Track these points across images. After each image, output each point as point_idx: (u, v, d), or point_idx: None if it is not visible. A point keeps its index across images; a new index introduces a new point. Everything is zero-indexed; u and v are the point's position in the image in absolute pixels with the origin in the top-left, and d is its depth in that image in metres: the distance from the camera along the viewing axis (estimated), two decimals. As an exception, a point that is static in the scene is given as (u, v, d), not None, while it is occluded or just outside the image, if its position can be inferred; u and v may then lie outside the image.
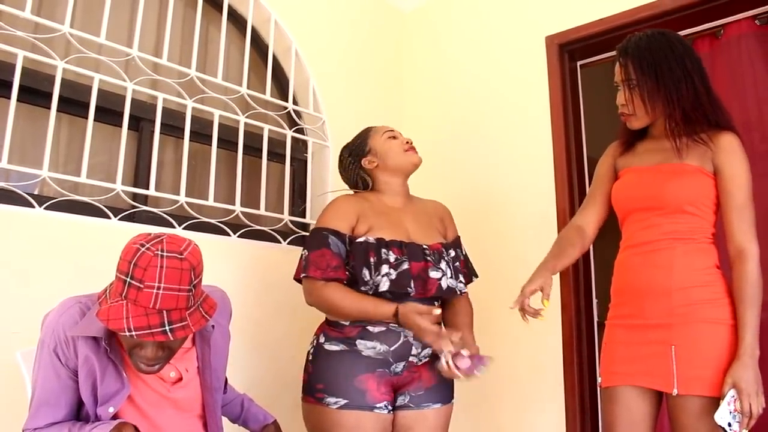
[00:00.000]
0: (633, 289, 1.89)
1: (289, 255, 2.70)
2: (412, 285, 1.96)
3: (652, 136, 1.99)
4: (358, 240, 2.01)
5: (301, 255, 2.04)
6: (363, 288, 1.95)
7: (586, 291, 2.77)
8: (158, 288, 1.33)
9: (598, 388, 2.03)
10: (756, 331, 1.69)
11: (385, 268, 1.95)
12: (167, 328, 1.33)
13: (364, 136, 2.24)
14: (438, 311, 1.89)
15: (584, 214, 2.10)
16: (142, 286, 1.32)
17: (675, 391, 1.73)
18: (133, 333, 1.30)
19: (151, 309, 1.33)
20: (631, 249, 1.94)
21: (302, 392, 2.01)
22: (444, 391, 2.08)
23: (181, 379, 1.60)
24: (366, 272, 1.95)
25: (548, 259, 2.01)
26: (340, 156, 2.28)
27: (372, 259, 1.96)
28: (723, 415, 1.63)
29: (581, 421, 2.64)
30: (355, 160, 2.22)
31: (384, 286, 1.93)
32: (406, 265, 1.97)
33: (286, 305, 2.64)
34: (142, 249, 1.35)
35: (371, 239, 2.00)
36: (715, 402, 1.66)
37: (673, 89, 1.84)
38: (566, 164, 2.85)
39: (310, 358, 2.03)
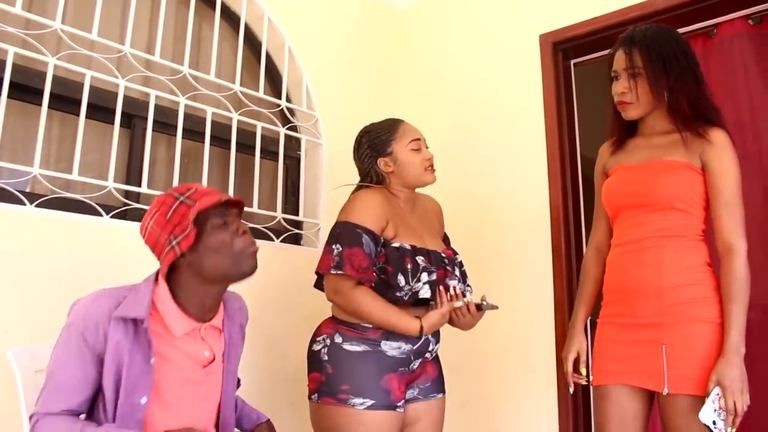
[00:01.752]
0: (624, 288, 1.90)
1: (282, 253, 2.70)
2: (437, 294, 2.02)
3: (642, 133, 2.01)
4: (393, 245, 2.00)
5: (332, 248, 1.97)
6: (398, 293, 1.96)
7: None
8: (202, 185, 1.60)
9: (590, 387, 2.04)
10: (742, 328, 1.71)
11: (425, 277, 1.98)
12: (230, 195, 1.61)
13: (390, 132, 2.16)
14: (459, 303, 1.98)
15: (597, 233, 2.15)
16: (194, 189, 1.57)
17: (665, 391, 1.74)
18: (223, 198, 1.55)
19: (213, 190, 1.58)
20: (622, 247, 1.95)
21: (316, 393, 1.97)
22: (442, 381, 2.16)
23: (214, 359, 1.64)
24: (401, 278, 1.95)
25: (579, 313, 2.11)
26: (359, 139, 2.22)
27: (409, 266, 1.97)
28: (707, 413, 1.64)
29: (574, 419, 2.64)
30: (372, 154, 2.16)
31: (425, 293, 1.97)
32: (435, 275, 2.01)
33: (279, 303, 2.63)
34: (170, 191, 1.59)
35: (407, 246, 2.01)
36: (703, 401, 1.67)
37: (680, 78, 1.87)
38: (560, 162, 2.86)
39: (326, 358, 1.97)
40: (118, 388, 1.48)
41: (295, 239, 2.90)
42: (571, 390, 2.07)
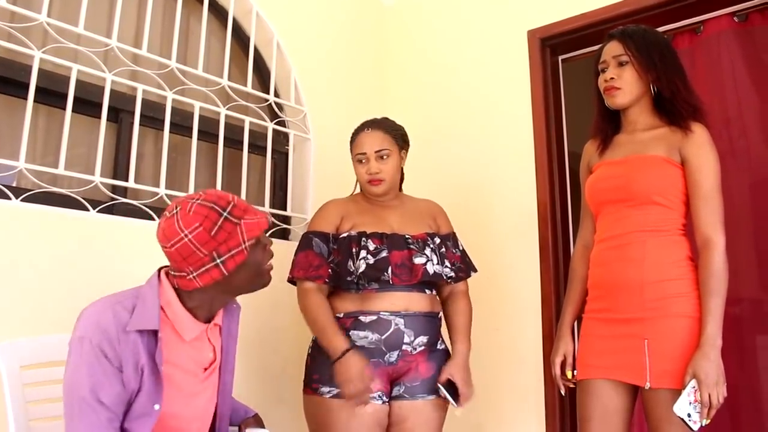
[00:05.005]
0: (607, 283, 1.93)
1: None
2: (390, 272, 2.02)
3: (625, 130, 2.05)
4: (342, 236, 2.10)
5: (292, 260, 2.14)
6: (348, 278, 2.02)
7: (566, 285, 2.79)
8: (238, 197, 1.57)
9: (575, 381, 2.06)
10: (719, 321, 1.73)
11: (363, 254, 2.03)
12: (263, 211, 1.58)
13: (351, 139, 2.27)
14: (377, 382, 1.96)
15: (583, 231, 2.17)
16: (233, 202, 1.51)
17: (648, 385, 1.76)
18: (270, 221, 1.56)
19: (249, 206, 1.55)
20: (604, 243, 1.98)
21: (303, 386, 2.09)
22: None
23: (215, 359, 1.64)
24: (350, 263, 2.03)
25: (566, 315, 2.14)
26: None
27: (354, 250, 2.04)
28: (682, 406, 1.66)
29: (560, 414, 2.66)
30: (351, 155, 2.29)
31: (361, 269, 2.01)
32: (384, 254, 2.04)
33: (267, 298, 2.62)
34: (210, 204, 1.50)
35: (353, 233, 2.09)
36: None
37: (667, 71, 1.92)
38: (547, 158, 2.87)
39: (309, 352, 2.12)
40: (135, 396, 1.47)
41: (283, 234, 2.90)
42: (563, 392, 2.08)
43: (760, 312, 2.39)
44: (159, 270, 1.60)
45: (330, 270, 2.07)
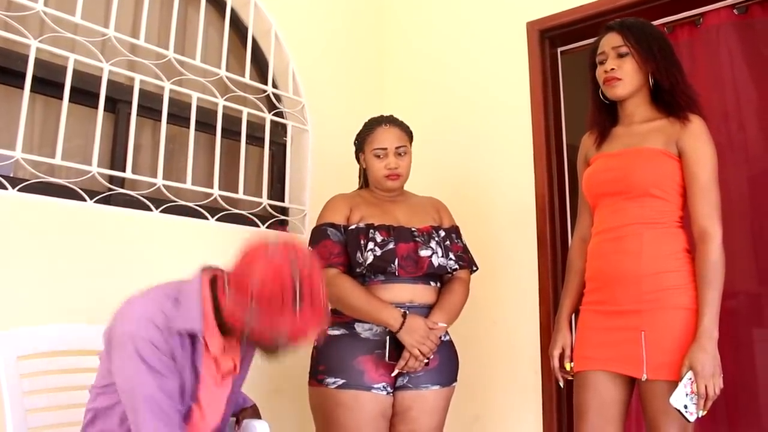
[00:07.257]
0: (604, 275, 1.93)
1: (268, 239, 2.68)
2: (396, 264, 2.05)
3: (622, 123, 2.05)
4: (350, 227, 2.12)
5: None
6: (357, 269, 2.06)
7: (564, 277, 2.79)
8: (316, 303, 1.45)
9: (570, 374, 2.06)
10: (716, 313, 1.73)
11: (370, 245, 2.05)
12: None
13: (365, 133, 2.29)
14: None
15: (581, 224, 2.17)
16: (282, 332, 1.43)
17: (644, 377, 1.77)
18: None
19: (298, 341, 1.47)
20: (601, 235, 1.98)
21: (308, 377, 2.12)
22: (444, 373, 2.15)
23: (235, 367, 1.64)
24: (358, 254, 2.06)
25: (564, 308, 2.13)
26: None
27: (362, 242, 2.07)
28: (679, 397, 1.67)
29: (557, 406, 2.66)
30: (356, 148, 2.34)
31: (369, 260, 2.04)
32: (391, 245, 2.07)
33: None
34: (293, 267, 1.42)
35: (362, 225, 2.11)
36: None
37: (665, 63, 1.93)
38: (545, 151, 2.86)
39: (315, 344, 2.13)
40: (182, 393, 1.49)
41: (281, 225, 2.89)
42: (561, 385, 2.08)
43: (757, 305, 2.39)
44: (202, 270, 1.59)
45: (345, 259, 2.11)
